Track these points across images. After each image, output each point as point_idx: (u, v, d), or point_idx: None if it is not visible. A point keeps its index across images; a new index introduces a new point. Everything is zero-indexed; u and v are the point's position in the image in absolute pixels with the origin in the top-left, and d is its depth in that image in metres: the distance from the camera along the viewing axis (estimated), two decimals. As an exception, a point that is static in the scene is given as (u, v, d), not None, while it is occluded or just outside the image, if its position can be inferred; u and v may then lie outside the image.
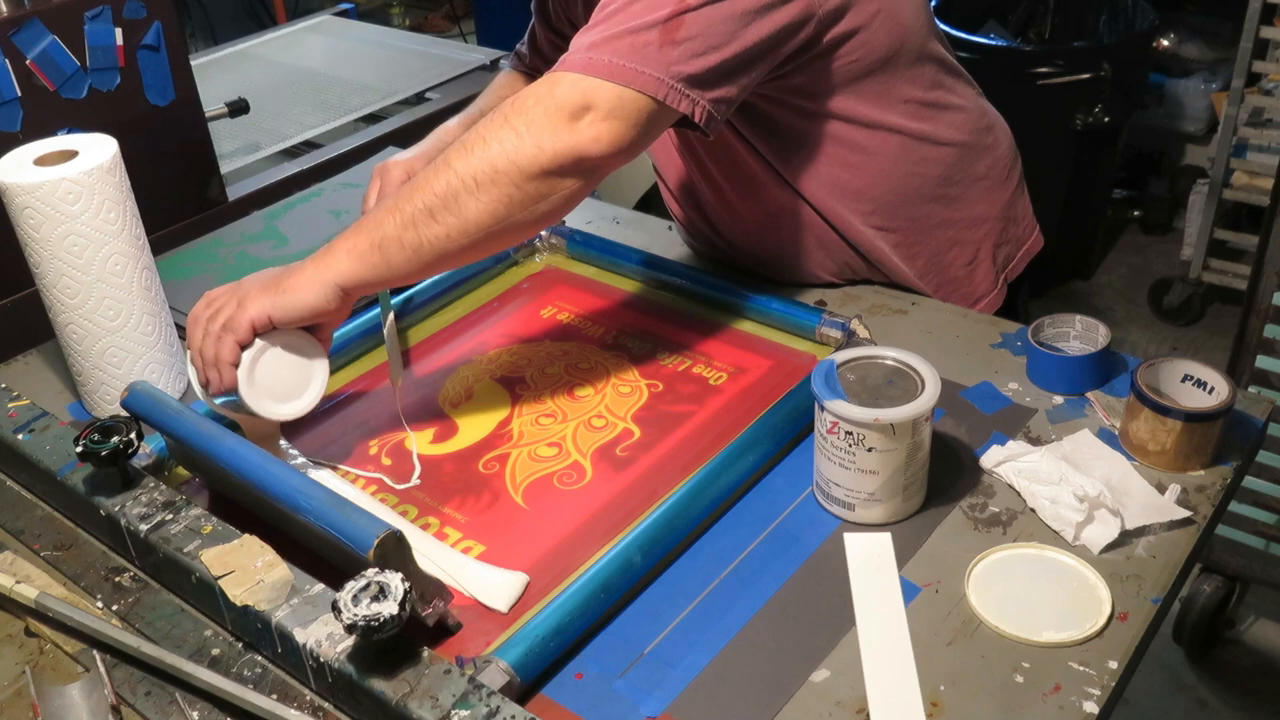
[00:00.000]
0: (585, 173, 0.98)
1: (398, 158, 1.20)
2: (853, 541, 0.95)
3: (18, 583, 0.92)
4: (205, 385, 1.02)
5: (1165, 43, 3.35)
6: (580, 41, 0.98)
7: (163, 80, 1.52)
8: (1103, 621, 0.86)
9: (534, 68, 1.35)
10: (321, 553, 0.91)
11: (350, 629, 0.75)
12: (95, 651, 0.88)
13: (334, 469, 1.07)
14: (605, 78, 0.95)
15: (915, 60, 1.18)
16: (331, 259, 0.98)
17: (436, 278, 1.31)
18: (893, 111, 1.18)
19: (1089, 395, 1.09)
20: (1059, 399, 1.10)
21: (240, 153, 1.93)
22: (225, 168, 1.77)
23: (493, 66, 2.22)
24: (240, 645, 0.88)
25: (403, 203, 0.97)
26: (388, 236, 0.97)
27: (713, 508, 0.98)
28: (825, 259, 1.28)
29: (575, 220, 1.45)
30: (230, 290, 1.01)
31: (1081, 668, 0.83)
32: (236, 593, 0.85)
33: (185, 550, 0.90)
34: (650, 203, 3.23)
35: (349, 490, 1.02)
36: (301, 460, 1.08)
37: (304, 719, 0.81)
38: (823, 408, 0.93)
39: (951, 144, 1.24)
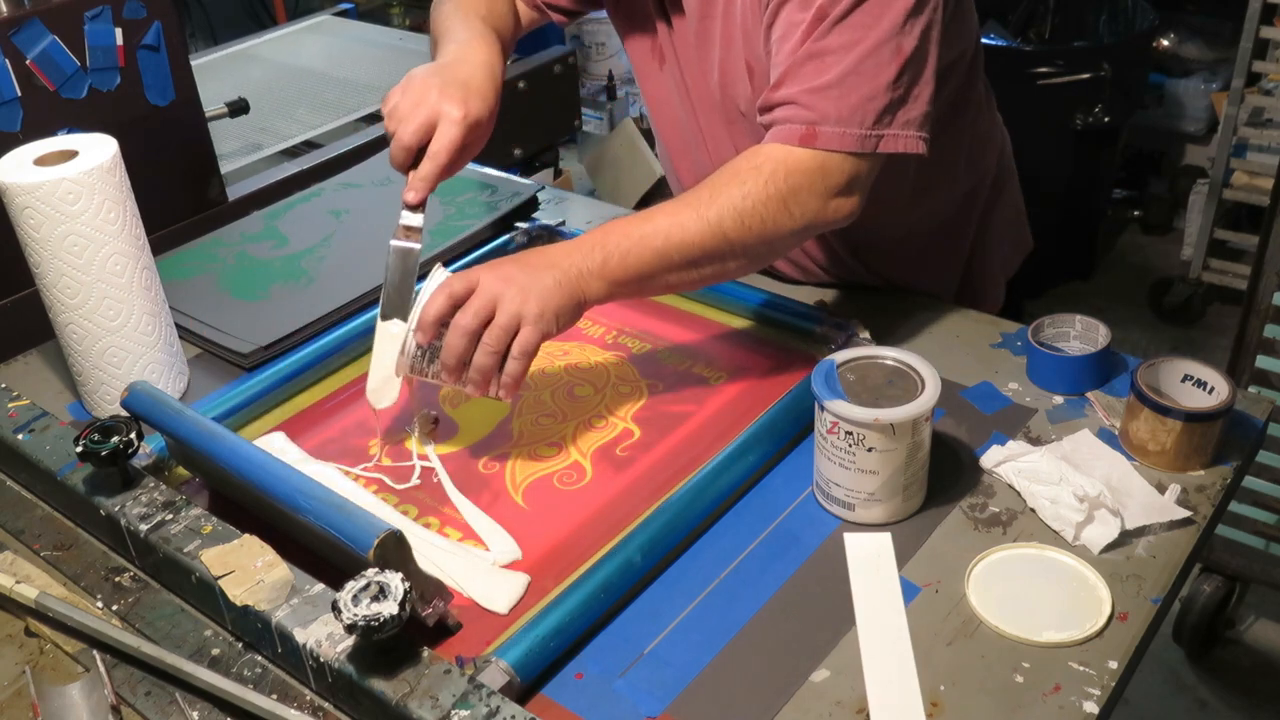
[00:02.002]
0: None
1: (421, 71, 1.10)
2: (853, 541, 0.95)
3: (18, 583, 0.92)
4: (432, 368, 0.99)
5: (1165, 43, 3.35)
6: (822, 109, 0.99)
7: (163, 80, 1.51)
8: (1103, 621, 0.86)
9: None
10: (321, 553, 0.91)
11: (350, 629, 0.75)
12: (95, 651, 0.88)
13: (335, 467, 1.07)
14: (869, 150, 1.01)
15: (974, 57, 1.19)
16: (590, 284, 0.99)
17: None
18: (960, 113, 1.20)
19: (1089, 395, 1.09)
20: (1059, 399, 1.10)
21: (240, 153, 1.93)
22: (225, 168, 1.77)
23: (492, 66, 2.21)
24: (240, 645, 0.88)
25: (671, 251, 1.00)
26: (654, 281, 1.02)
27: (713, 508, 0.98)
28: (854, 266, 1.28)
29: (575, 220, 1.45)
30: (495, 294, 0.96)
31: (1081, 668, 0.83)
32: (236, 593, 0.85)
33: (185, 550, 0.90)
34: (650, 202, 3.23)
35: (349, 489, 1.02)
36: (301, 456, 1.08)
37: (304, 719, 0.81)
38: (823, 408, 0.93)
39: (987, 144, 1.25)
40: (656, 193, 3.23)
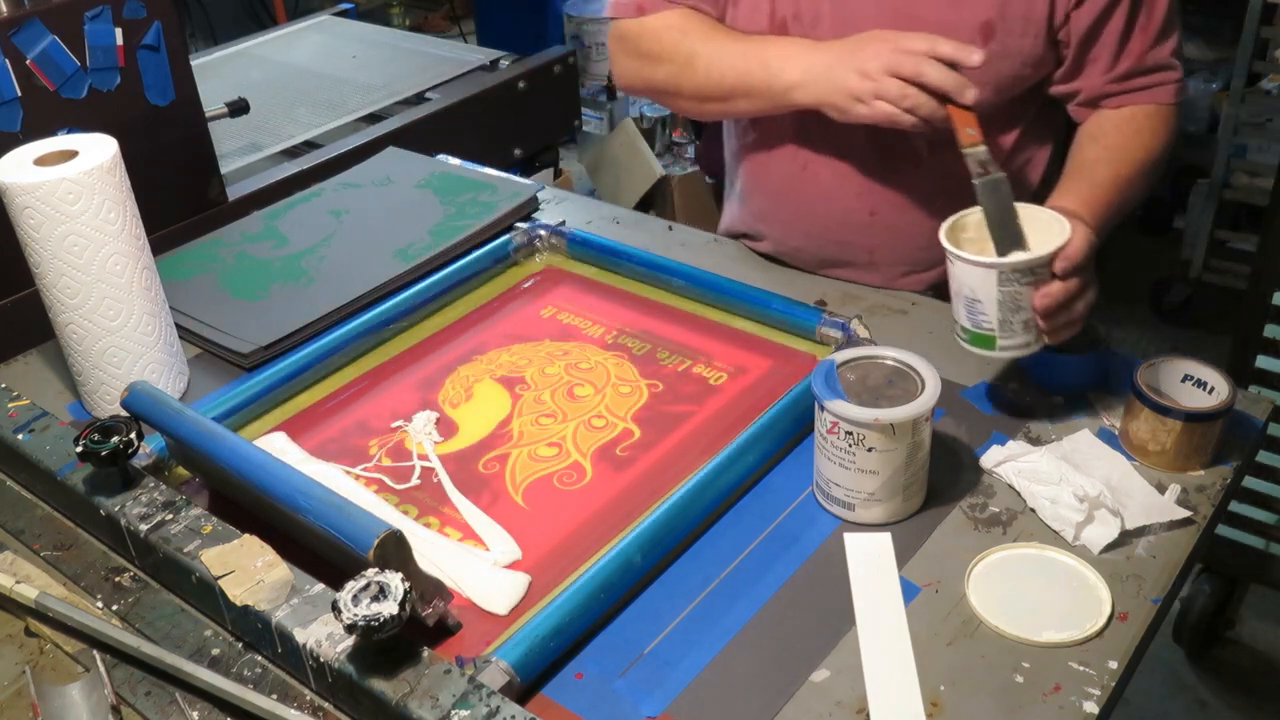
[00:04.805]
0: None
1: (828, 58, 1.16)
2: (853, 541, 0.95)
3: (18, 583, 0.92)
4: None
5: (1165, 43, 3.34)
6: (1179, 65, 1.29)
7: (163, 80, 1.51)
8: (1103, 621, 0.86)
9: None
10: (321, 553, 0.91)
11: (350, 629, 0.75)
12: (95, 651, 0.88)
13: (336, 467, 1.07)
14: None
15: None
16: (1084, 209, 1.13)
17: (436, 277, 1.32)
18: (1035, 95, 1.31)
19: (1089, 395, 1.09)
20: (1059, 399, 1.10)
21: (240, 153, 1.93)
22: (225, 168, 1.77)
23: (493, 66, 2.21)
24: (240, 645, 0.88)
25: (1122, 212, 1.23)
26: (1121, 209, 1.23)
27: (713, 508, 0.98)
28: (914, 257, 1.29)
29: (575, 220, 1.45)
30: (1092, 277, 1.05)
31: (1081, 668, 0.83)
32: (236, 593, 0.85)
33: (185, 550, 0.90)
34: (650, 203, 3.23)
35: (350, 489, 1.02)
36: (302, 456, 1.08)
37: (304, 719, 0.81)
38: (823, 408, 0.93)
39: None
40: (656, 193, 3.23)
